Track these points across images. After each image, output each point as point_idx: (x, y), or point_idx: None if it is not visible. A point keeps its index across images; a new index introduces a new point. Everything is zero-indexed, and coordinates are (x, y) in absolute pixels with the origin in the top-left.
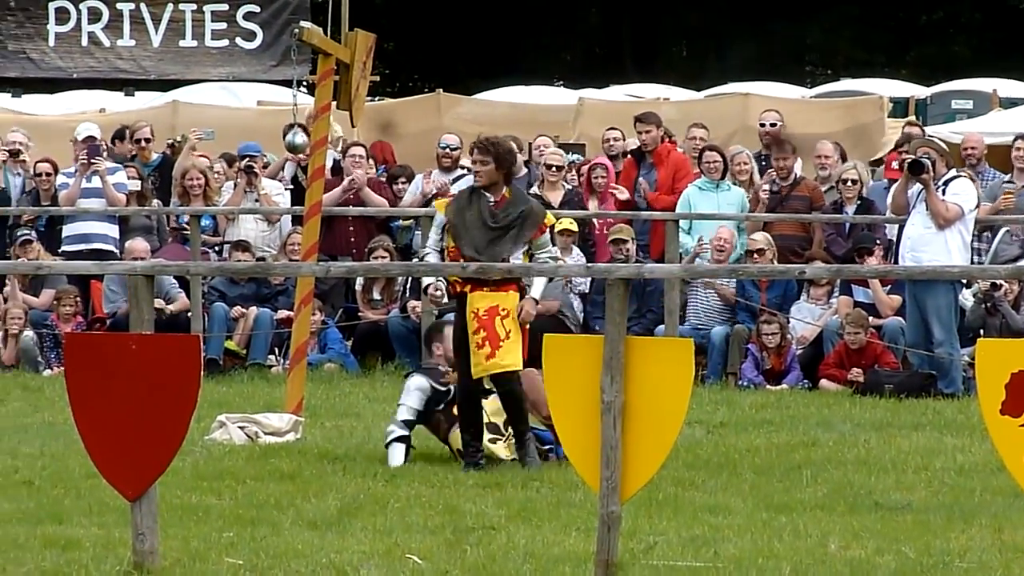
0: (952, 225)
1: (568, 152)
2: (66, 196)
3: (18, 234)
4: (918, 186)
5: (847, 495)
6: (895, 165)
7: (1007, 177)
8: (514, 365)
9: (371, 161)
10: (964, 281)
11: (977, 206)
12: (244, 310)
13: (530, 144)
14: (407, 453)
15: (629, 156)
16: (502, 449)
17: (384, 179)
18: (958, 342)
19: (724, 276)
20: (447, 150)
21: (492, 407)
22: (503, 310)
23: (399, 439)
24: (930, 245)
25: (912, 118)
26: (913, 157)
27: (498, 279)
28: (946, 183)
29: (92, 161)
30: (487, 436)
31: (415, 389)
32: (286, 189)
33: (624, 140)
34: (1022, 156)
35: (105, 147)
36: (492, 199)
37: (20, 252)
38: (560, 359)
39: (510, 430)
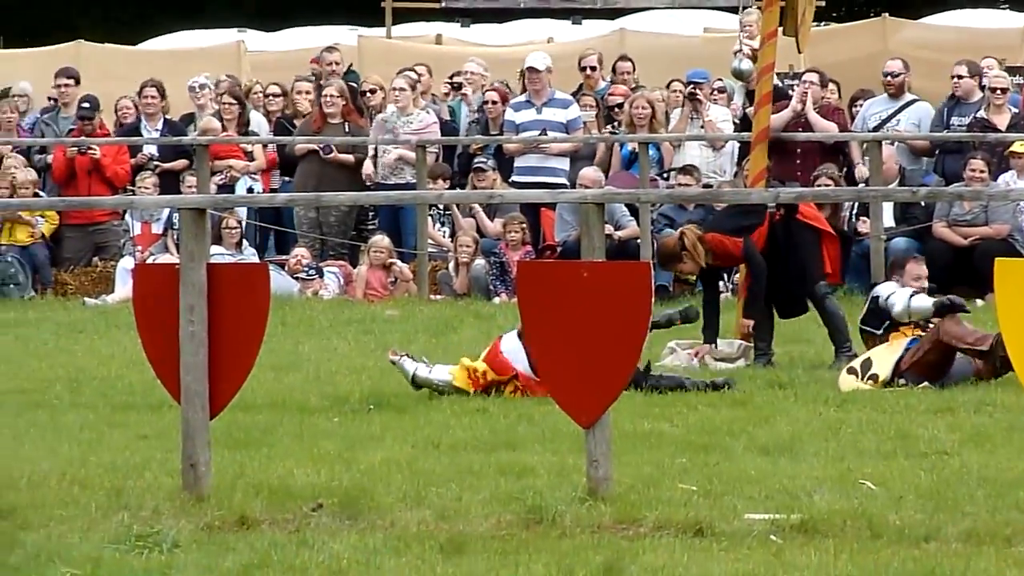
0: None
1: (1013, 75)
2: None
3: (474, 162)
4: None
5: None
6: None
7: None
8: None
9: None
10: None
11: None
12: None
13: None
14: None
15: None
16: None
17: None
18: None
19: None
20: (889, 77)
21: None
22: None
23: None
24: None
25: None
26: None
27: None
28: None
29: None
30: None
31: None
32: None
33: None
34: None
35: (550, 74)
36: None
37: (475, 179)
38: (1013, 284)
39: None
